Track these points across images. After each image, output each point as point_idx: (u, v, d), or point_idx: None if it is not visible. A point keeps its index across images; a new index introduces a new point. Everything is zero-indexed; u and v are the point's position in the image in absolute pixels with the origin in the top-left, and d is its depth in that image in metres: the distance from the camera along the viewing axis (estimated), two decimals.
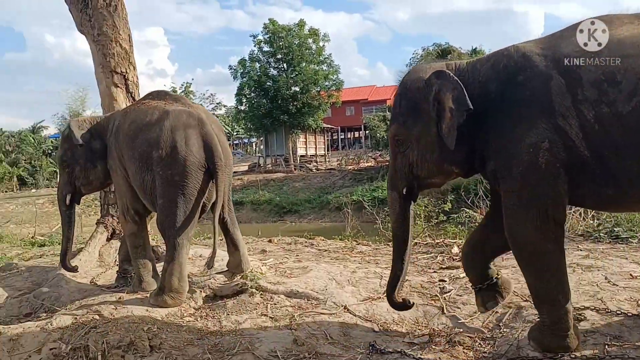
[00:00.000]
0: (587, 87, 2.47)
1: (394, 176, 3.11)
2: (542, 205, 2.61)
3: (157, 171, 3.80)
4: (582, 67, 2.51)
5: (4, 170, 31.92)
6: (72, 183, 4.42)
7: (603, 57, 2.49)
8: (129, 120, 4.08)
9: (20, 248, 7.86)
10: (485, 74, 2.80)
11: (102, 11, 5.11)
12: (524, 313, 3.36)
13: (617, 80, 2.42)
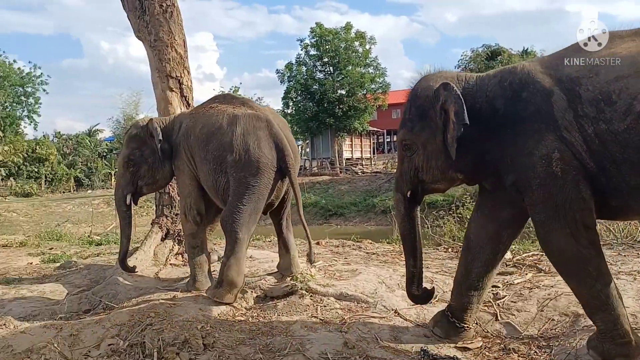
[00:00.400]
0: (586, 105, 2.57)
1: (399, 179, 3.26)
2: (569, 211, 2.65)
3: (231, 173, 3.94)
4: (581, 86, 2.61)
5: (62, 172, 33.16)
6: (135, 183, 4.53)
7: (600, 77, 2.58)
8: (199, 124, 4.20)
9: (79, 247, 8.17)
10: (493, 89, 2.91)
11: (158, 17, 5.26)
12: (582, 321, 3.25)
13: (612, 100, 2.51)
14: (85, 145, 37.40)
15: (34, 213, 22.80)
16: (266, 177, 3.93)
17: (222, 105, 4.29)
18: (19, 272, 5.89)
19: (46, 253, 7.22)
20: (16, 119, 36.71)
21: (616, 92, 2.51)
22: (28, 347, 3.27)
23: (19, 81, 37.14)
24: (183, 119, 4.45)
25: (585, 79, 2.61)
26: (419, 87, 3.12)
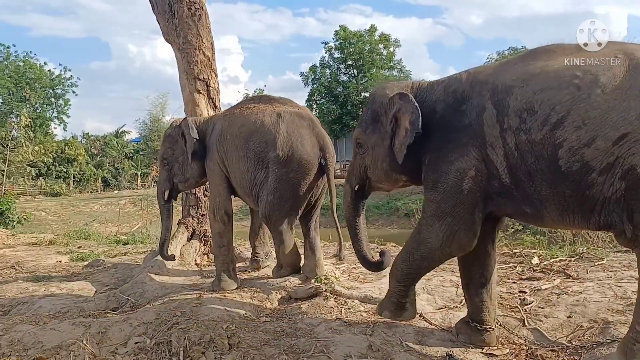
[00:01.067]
0: (512, 116, 2.66)
1: (350, 173, 3.56)
2: (452, 223, 2.91)
3: (273, 169, 4.10)
4: (512, 96, 2.69)
5: (90, 172, 33.69)
6: (171, 180, 4.76)
7: (529, 87, 2.65)
8: (238, 123, 4.33)
9: (106, 246, 8.30)
10: (438, 95, 3.07)
11: (187, 21, 5.34)
12: (611, 328, 3.18)
13: (534, 109, 2.59)
14: (113, 146, 37.89)
15: (62, 212, 23.21)
16: (308, 174, 4.11)
17: (260, 104, 4.42)
18: (49, 269, 6.02)
19: (75, 251, 7.36)
20: (46, 120, 37.50)
21: (538, 102, 2.60)
22: (57, 343, 3.33)
23: (50, 83, 37.95)
24: (217, 120, 4.58)
25: (517, 89, 2.69)
26: (377, 93, 3.35)
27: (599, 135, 2.45)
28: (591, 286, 3.75)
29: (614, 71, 2.53)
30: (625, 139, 2.40)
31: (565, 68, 2.64)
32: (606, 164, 2.45)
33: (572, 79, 2.56)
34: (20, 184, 24.16)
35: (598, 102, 2.48)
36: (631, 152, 2.40)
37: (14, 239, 9.45)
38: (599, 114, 2.46)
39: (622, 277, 3.95)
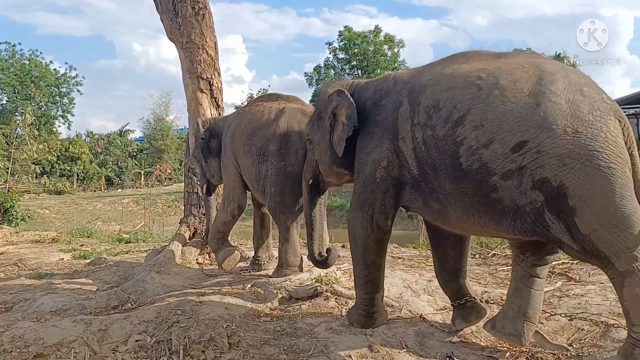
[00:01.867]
0: (421, 112, 2.81)
1: (306, 167, 3.79)
2: (369, 210, 3.16)
3: (272, 162, 4.26)
4: (424, 94, 2.83)
5: (94, 171, 33.80)
6: (204, 175, 5.07)
7: (439, 86, 2.79)
8: (245, 120, 4.56)
9: (108, 244, 8.33)
10: (369, 93, 3.27)
11: (190, 20, 5.35)
12: (613, 332, 3.17)
13: (439, 107, 2.72)
14: (117, 145, 37.98)
15: (65, 210, 23.30)
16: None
17: (268, 102, 4.63)
18: (51, 267, 6.05)
19: (77, 249, 7.40)
20: (51, 119, 37.58)
21: (444, 100, 2.72)
22: (58, 340, 3.34)
23: (55, 81, 38.04)
24: (232, 118, 4.86)
25: (430, 87, 2.83)
26: (321, 92, 3.60)
27: (496, 139, 2.51)
28: (593, 289, 3.74)
29: (515, 77, 2.58)
30: (525, 147, 2.45)
31: (473, 70, 2.73)
32: (508, 170, 2.50)
33: (475, 80, 2.66)
34: (25, 182, 24.24)
35: (495, 104, 2.55)
36: (538, 163, 2.43)
37: (18, 236, 9.50)
38: (495, 116, 2.53)
39: None
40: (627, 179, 2.40)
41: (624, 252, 2.37)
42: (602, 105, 2.46)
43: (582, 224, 2.40)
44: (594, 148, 2.36)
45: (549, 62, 2.69)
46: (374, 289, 3.38)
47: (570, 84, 2.49)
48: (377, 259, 3.33)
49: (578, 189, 2.37)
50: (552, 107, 2.43)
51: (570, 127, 2.39)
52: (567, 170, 2.38)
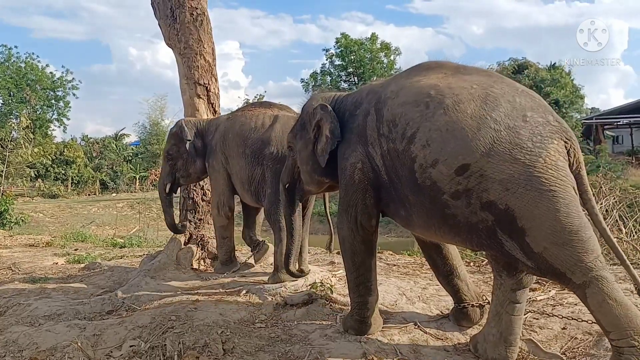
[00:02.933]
0: (384, 125, 2.93)
1: (284, 172, 3.89)
2: (353, 212, 3.24)
3: (268, 165, 4.41)
4: (386, 107, 2.95)
5: (88, 175, 33.65)
6: (173, 174, 5.15)
7: (396, 100, 2.90)
8: (238, 124, 4.69)
9: (103, 248, 8.30)
10: (347, 105, 3.41)
11: (189, 26, 5.36)
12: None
13: (396, 122, 2.85)
14: (112, 149, 37.84)
15: (59, 214, 23.20)
16: None
17: (261, 108, 4.79)
18: (45, 271, 6.03)
19: (71, 254, 7.37)
20: (46, 122, 37.48)
21: (399, 115, 2.84)
22: (52, 345, 3.34)
23: (51, 85, 37.98)
24: (220, 121, 4.96)
25: (390, 100, 2.94)
26: (306, 104, 3.68)
27: (440, 160, 2.61)
28: None
29: (460, 97, 2.64)
30: (468, 171, 2.54)
31: (426, 86, 2.81)
32: (455, 191, 2.59)
33: (424, 98, 2.75)
34: (19, 185, 24.11)
35: (440, 124, 2.64)
36: (483, 187, 2.52)
37: (11, 240, 9.46)
38: (439, 136, 2.63)
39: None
40: (570, 197, 2.48)
41: (577, 266, 2.46)
42: (544, 129, 2.52)
43: (533, 244, 2.50)
44: (532, 173, 2.45)
45: (499, 84, 2.72)
46: (365, 291, 3.42)
47: (513, 109, 2.56)
48: (366, 260, 3.38)
49: (524, 212, 2.47)
50: (491, 133, 2.51)
51: (508, 154, 2.47)
52: (511, 195, 2.48)
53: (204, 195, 5.49)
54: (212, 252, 5.27)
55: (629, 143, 33.69)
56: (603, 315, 2.50)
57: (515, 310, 2.98)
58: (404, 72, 3.23)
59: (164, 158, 5.20)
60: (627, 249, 5.32)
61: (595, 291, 2.46)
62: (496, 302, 3.03)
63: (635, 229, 6.18)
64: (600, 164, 20.42)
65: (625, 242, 5.41)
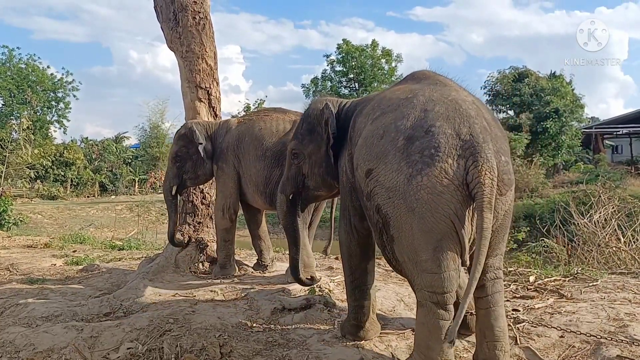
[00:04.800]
0: (352, 131, 3.11)
1: (285, 182, 3.78)
2: (347, 214, 3.30)
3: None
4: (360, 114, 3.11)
5: (88, 177, 33.66)
6: (180, 176, 5.13)
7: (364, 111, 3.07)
8: (257, 127, 4.76)
9: (101, 250, 8.30)
10: (349, 111, 3.42)
11: (191, 29, 5.37)
12: (603, 349, 3.18)
13: (356, 129, 3.06)
14: (111, 151, 37.89)
15: (58, 216, 23.18)
16: None
17: (277, 114, 4.87)
18: (43, 272, 6.02)
19: (69, 255, 7.37)
20: (46, 123, 37.52)
21: (357, 124, 3.07)
22: (49, 346, 3.35)
23: (51, 86, 38.03)
24: (231, 125, 5.02)
25: (363, 109, 3.10)
26: (310, 108, 3.69)
27: (359, 164, 2.80)
28: (584, 307, 3.75)
29: (389, 109, 2.76)
30: (371, 175, 2.66)
31: (381, 97, 3.00)
32: (366, 193, 2.73)
33: (371, 109, 2.94)
34: (18, 187, 24.12)
35: (366, 132, 2.80)
36: (376, 191, 2.63)
37: (10, 240, 9.46)
38: (362, 143, 2.80)
39: (616, 298, 3.96)
40: (435, 225, 2.43)
41: (419, 289, 2.61)
42: (446, 143, 2.42)
43: (397, 252, 2.66)
44: (407, 190, 2.45)
45: (434, 92, 2.70)
46: (362, 295, 3.42)
47: (423, 119, 2.52)
48: (362, 263, 3.39)
49: (395, 222, 2.56)
50: (390, 142, 2.58)
51: (397, 164, 2.50)
52: (390, 203, 2.55)
53: (203, 198, 5.48)
54: (211, 256, 5.25)
55: (628, 153, 33.80)
56: (417, 333, 2.76)
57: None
58: (394, 84, 3.41)
59: (172, 159, 5.18)
60: (626, 258, 5.34)
61: (424, 313, 2.63)
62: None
63: (634, 238, 6.18)
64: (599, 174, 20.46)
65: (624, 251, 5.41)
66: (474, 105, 2.66)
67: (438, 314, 2.57)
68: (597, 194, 7.10)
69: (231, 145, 4.88)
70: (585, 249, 6.27)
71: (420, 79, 3.01)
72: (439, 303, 2.56)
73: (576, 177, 24.50)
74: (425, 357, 2.64)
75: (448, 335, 2.51)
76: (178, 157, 5.10)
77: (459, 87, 2.90)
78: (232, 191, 4.94)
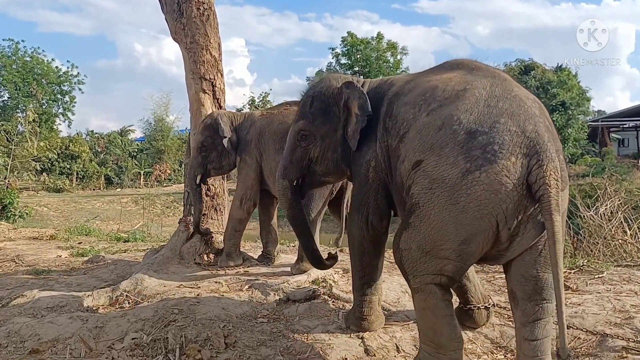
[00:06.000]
0: (390, 119, 2.86)
1: (288, 167, 3.50)
2: (364, 211, 3.12)
3: None
4: (396, 102, 2.88)
5: (93, 169, 33.80)
6: (205, 166, 5.17)
7: (402, 99, 2.85)
8: (276, 122, 4.81)
9: (106, 242, 8.32)
10: (371, 95, 3.17)
11: (195, 20, 5.35)
12: (608, 341, 3.16)
13: (397, 120, 2.79)
14: (117, 145, 38.01)
15: (64, 208, 23.30)
16: None
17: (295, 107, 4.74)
18: (49, 263, 6.04)
19: (75, 247, 7.38)
20: (51, 116, 37.63)
21: (401, 113, 2.77)
22: (54, 336, 3.35)
23: (57, 79, 38.12)
24: (255, 118, 5.12)
25: (402, 97, 2.88)
26: (323, 86, 3.40)
27: (407, 157, 2.62)
28: (590, 299, 3.74)
29: (444, 101, 2.57)
30: (419, 166, 2.51)
31: (429, 87, 2.74)
32: (408, 186, 2.58)
33: (421, 99, 2.71)
34: (24, 179, 24.23)
35: (418, 124, 2.61)
36: (417, 181, 2.51)
37: (15, 232, 9.49)
38: (413, 135, 2.62)
39: (621, 290, 3.94)
40: (475, 226, 2.33)
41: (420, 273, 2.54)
42: (510, 140, 2.31)
43: (406, 239, 2.56)
44: (460, 184, 2.32)
45: (494, 86, 2.56)
46: (370, 291, 3.37)
47: (487, 114, 2.40)
48: (373, 260, 3.31)
49: (425, 210, 2.44)
50: (449, 134, 2.41)
51: (453, 157, 2.36)
52: (429, 192, 2.42)
53: (207, 190, 5.47)
54: (216, 247, 5.25)
55: (635, 146, 33.58)
56: (419, 323, 2.78)
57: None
58: (430, 69, 3.08)
59: (197, 149, 5.18)
60: (632, 251, 5.31)
61: (421, 298, 2.60)
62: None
63: None
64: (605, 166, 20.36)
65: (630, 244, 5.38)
66: (536, 103, 2.56)
67: (440, 294, 2.53)
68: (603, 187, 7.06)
69: (254, 138, 4.96)
70: (591, 242, 6.26)
71: (472, 69, 2.78)
72: (443, 285, 2.53)
73: (582, 170, 24.34)
74: (435, 345, 2.58)
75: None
76: (203, 147, 5.14)
77: (517, 83, 2.74)
78: (253, 183, 5.00)
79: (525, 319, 2.51)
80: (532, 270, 2.48)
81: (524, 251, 2.47)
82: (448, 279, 2.52)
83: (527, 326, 2.51)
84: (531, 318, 2.49)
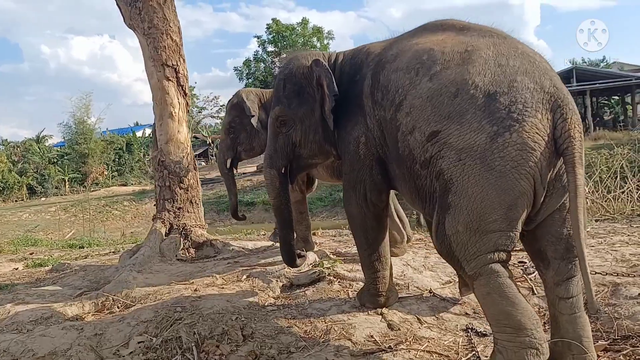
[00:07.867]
0: (379, 90, 2.73)
1: (273, 155, 3.39)
2: (361, 189, 3.05)
3: None
4: (383, 71, 2.74)
5: (14, 180, 31.81)
6: (234, 148, 4.86)
7: (391, 65, 2.70)
8: None
9: (59, 250, 7.82)
10: (344, 66, 3.15)
11: (152, 4, 5.03)
12: (622, 290, 3.28)
13: (389, 88, 2.65)
14: (34, 152, 35.94)
15: None
16: None
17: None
18: (7, 277, 5.57)
19: (28, 258, 6.86)
20: None
21: (392, 81, 2.64)
22: (51, 349, 3.06)
23: None
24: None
25: (388, 65, 2.74)
26: (293, 66, 3.28)
27: (417, 127, 2.45)
28: (588, 252, 3.86)
29: (448, 64, 2.44)
30: (436, 137, 2.36)
31: (421, 50, 2.59)
32: (424, 159, 2.43)
33: (416, 64, 2.55)
34: None
35: (422, 90, 2.45)
36: (441, 154, 2.34)
37: None
38: (420, 103, 2.45)
39: (614, 242, 4.11)
40: (518, 188, 2.21)
41: (477, 255, 2.31)
42: (532, 97, 2.23)
43: (451, 223, 2.34)
44: (491, 147, 2.20)
45: (497, 45, 2.44)
46: (381, 266, 3.28)
47: (502, 74, 2.29)
48: (378, 236, 3.23)
49: (460, 186, 2.29)
50: (467, 99, 2.29)
51: (477, 123, 2.24)
52: (460, 165, 2.28)
53: (180, 182, 5.19)
54: (196, 241, 5.02)
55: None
56: (485, 308, 2.42)
57: (567, 308, 2.49)
58: (408, 33, 2.91)
59: (226, 131, 4.91)
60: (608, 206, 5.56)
61: (483, 283, 2.32)
62: (549, 303, 2.61)
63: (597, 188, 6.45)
64: None
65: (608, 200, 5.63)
66: (543, 58, 2.45)
67: (503, 273, 2.30)
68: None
69: None
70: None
71: (461, 29, 2.63)
72: (502, 261, 2.31)
73: None
74: (513, 329, 2.28)
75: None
76: (232, 128, 4.85)
77: (516, 38, 2.60)
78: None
79: (559, 277, 2.45)
80: (562, 229, 2.41)
81: (553, 211, 2.42)
82: (505, 253, 2.32)
83: (561, 285, 2.45)
84: (565, 276, 2.44)
